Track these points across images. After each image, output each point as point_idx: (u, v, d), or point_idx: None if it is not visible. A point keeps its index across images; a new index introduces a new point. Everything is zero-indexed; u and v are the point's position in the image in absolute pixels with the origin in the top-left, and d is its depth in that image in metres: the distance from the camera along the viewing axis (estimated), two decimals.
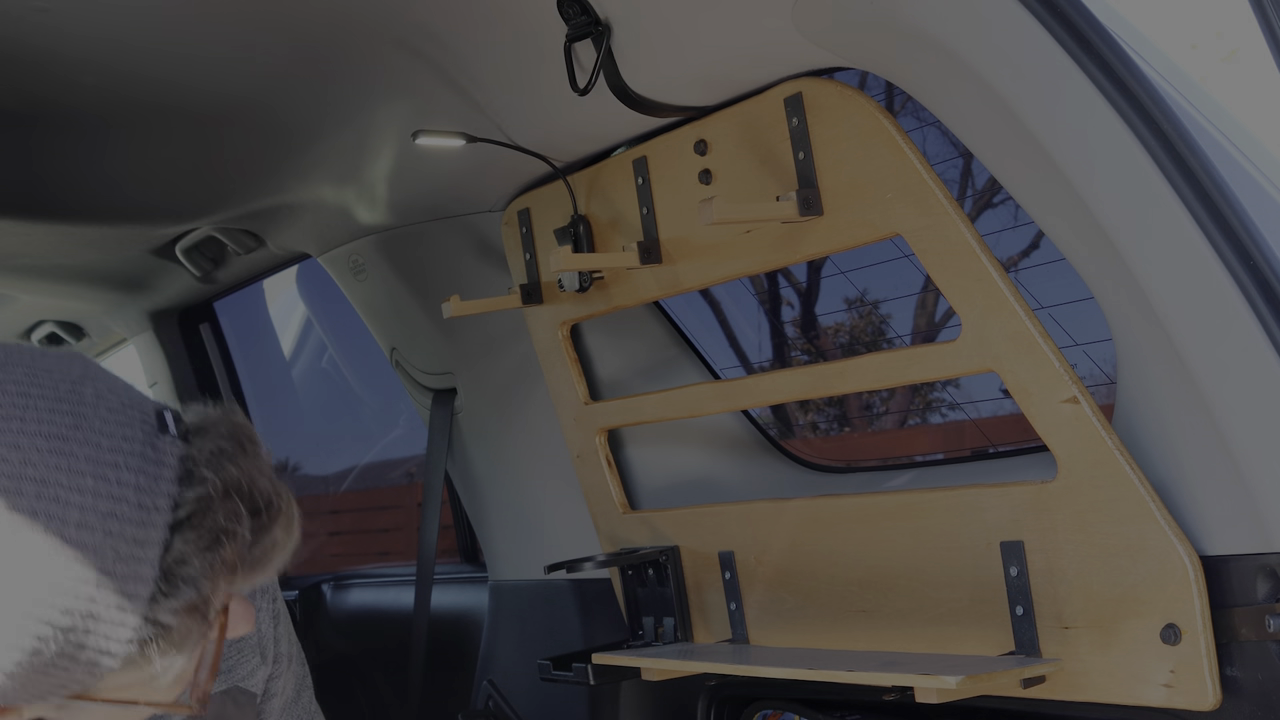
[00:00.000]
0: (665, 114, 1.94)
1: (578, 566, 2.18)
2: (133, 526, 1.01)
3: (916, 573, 1.81)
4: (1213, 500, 1.52)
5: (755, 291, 3.58)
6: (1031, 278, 2.67)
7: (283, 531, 1.12)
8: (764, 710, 2.18)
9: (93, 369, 1.09)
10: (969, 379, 3.07)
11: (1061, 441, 1.60)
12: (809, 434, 3.65)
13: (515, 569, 2.69)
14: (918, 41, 1.56)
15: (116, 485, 1.02)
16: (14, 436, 1.00)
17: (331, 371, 4.75)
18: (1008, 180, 1.61)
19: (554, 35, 1.84)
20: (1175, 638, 1.52)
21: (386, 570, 3.67)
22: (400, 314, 2.71)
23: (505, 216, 2.35)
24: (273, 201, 2.64)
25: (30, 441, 1.00)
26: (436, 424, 2.75)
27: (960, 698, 1.63)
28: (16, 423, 1.01)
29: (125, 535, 1.01)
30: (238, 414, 1.13)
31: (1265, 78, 1.46)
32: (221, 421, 1.11)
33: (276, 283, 3.97)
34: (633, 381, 2.40)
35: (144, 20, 1.91)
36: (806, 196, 1.77)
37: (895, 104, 2.54)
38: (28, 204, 2.64)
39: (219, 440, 1.09)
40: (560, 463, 2.45)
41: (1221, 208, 1.41)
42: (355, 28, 1.97)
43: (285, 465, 4.87)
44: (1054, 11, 1.46)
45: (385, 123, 2.23)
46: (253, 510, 1.08)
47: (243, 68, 2.09)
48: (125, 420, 1.06)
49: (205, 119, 2.28)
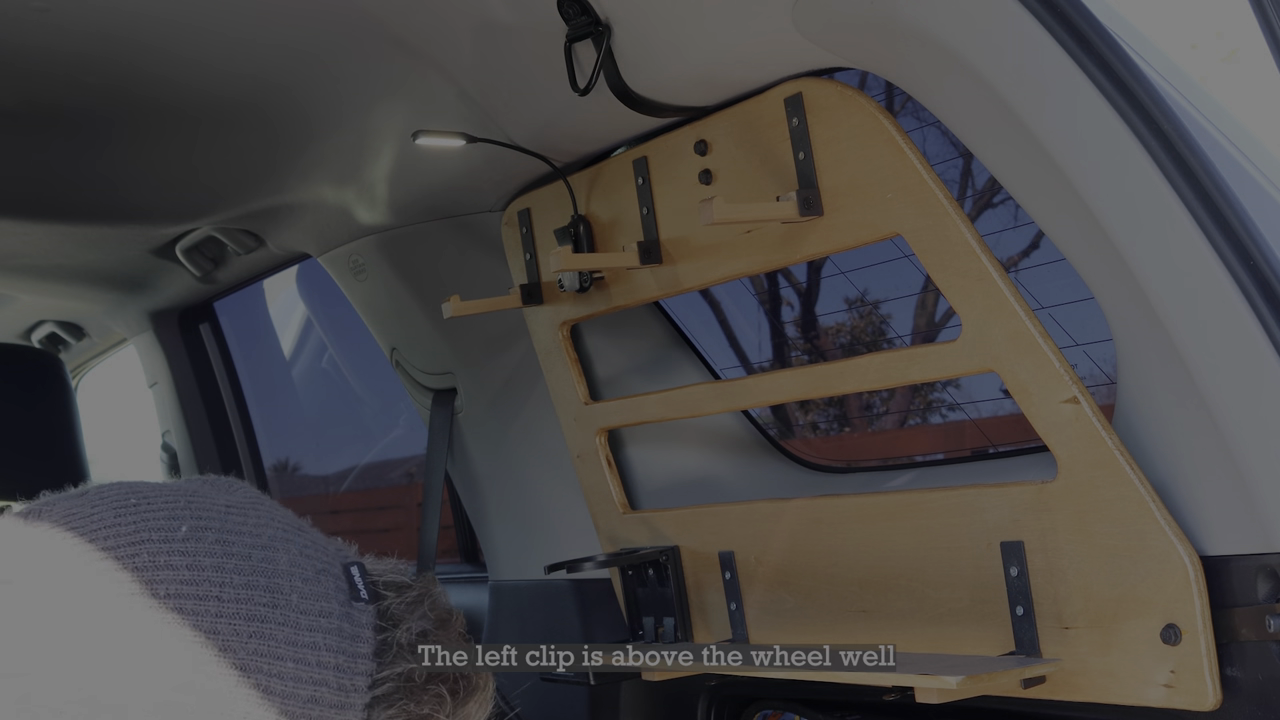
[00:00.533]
0: (665, 114, 1.94)
1: (578, 566, 2.18)
2: (333, 711, 0.97)
3: (916, 573, 1.81)
4: (1213, 500, 1.52)
5: (755, 291, 3.58)
6: (1031, 278, 2.67)
7: (477, 707, 1.07)
8: (764, 710, 2.18)
9: (280, 525, 1.03)
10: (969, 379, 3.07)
11: (1061, 441, 1.60)
12: (809, 434, 3.65)
13: (515, 569, 2.69)
14: (918, 41, 1.56)
15: (317, 669, 0.97)
16: (211, 621, 0.93)
17: (331, 371, 4.74)
18: (1008, 180, 1.61)
19: (554, 35, 1.84)
20: (1175, 638, 1.52)
21: None
22: (400, 314, 2.71)
23: (505, 216, 2.35)
24: (273, 201, 2.64)
25: (229, 625, 0.93)
26: (436, 424, 2.75)
27: (960, 698, 1.63)
28: (214, 603, 0.94)
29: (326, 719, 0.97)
30: (435, 584, 1.08)
31: (1265, 78, 1.46)
32: (423, 595, 1.05)
33: (276, 283, 3.97)
34: (633, 381, 2.40)
35: (144, 20, 1.91)
36: (806, 196, 1.77)
37: (895, 104, 2.53)
38: (28, 204, 2.64)
39: (422, 621, 1.04)
40: (560, 463, 2.45)
41: (1221, 208, 1.41)
42: (355, 28, 1.97)
43: (285, 465, 4.87)
44: (1054, 11, 1.46)
45: (385, 123, 2.23)
46: (452, 691, 1.04)
47: (243, 67, 2.09)
48: (321, 592, 0.99)
49: (205, 119, 2.28)
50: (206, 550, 0.96)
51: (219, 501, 1.01)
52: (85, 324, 3.94)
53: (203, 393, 3.88)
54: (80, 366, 4.30)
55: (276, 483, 4.19)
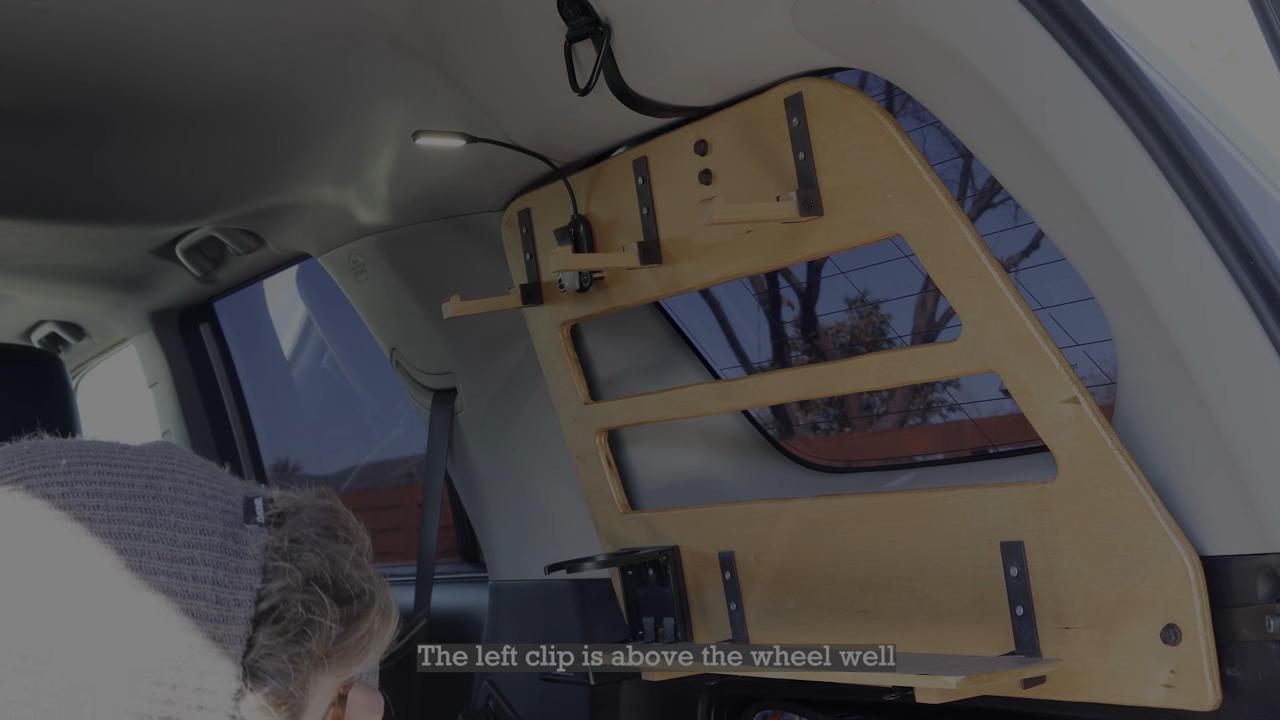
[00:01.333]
0: (665, 114, 1.94)
1: (578, 566, 2.18)
2: (211, 624, 0.98)
3: (916, 573, 1.81)
4: (1213, 500, 1.52)
5: (755, 291, 3.58)
6: (1031, 278, 2.67)
7: (380, 619, 1.07)
8: (764, 710, 2.18)
9: (176, 460, 1.05)
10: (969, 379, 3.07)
11: (1061, 441, 1.60)
12: (809, 434, 3.65)
13: (515, 569, 2.69)
14: (918, 41, 1.55)
15: (193, 582, 0.98)
16: (83, 540, 0.96)
17: (331, 371, 4.74)
18: (1008, 180, 1.61)
19: (554, 35, 1.84)
20: (1175, 638, 1.52)
21: (386, 570, 3.65)
22: (400, 314, 2.71)
23: (505, 216, 2.35)
24: (273, 201, 2.64)
25: (99, 544, 0.96)
26: (436, 424, 2.75)
27: (960, 698, 1.63)
28: (86, 525, 0.97)
29: (204, 632, 0.98)
30: (333, 498, 1.08)
31: (1265, 78, 1.46)
32: (309, 506, 1.06)
33: (276, 283, 3.97)
34: (633, 381, 2.40)
35: (144, 20, 1.91)
36: (806, 196, 1.77)
37: (895, 104, 2.53)
38: (28, 204, 2.64)
39: (303, 527, 1.04)
40: (560, 463, 2.45)
41: (1221, 208, 1.41)
42: (355, 28, 1.97)
43: (285, 465, 4.87)
44: (1054, 11, 1.46)
45: (385, 123, 2.23)
46: (340, 599, 1.03)
47: (243, 67, 2.09)
48: (205, 513, 1.02)
49: (205, 119, 2.28)
50: (86, 479, 1.00)
51: (115, 445, 1.05)
52: (85, 324, 3.94)
53: (203, 393, 3.87)
54: (80, 366, 4.30)
55: (276, 483, 4.18)
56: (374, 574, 1.07)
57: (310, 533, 1.04)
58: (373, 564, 1.09)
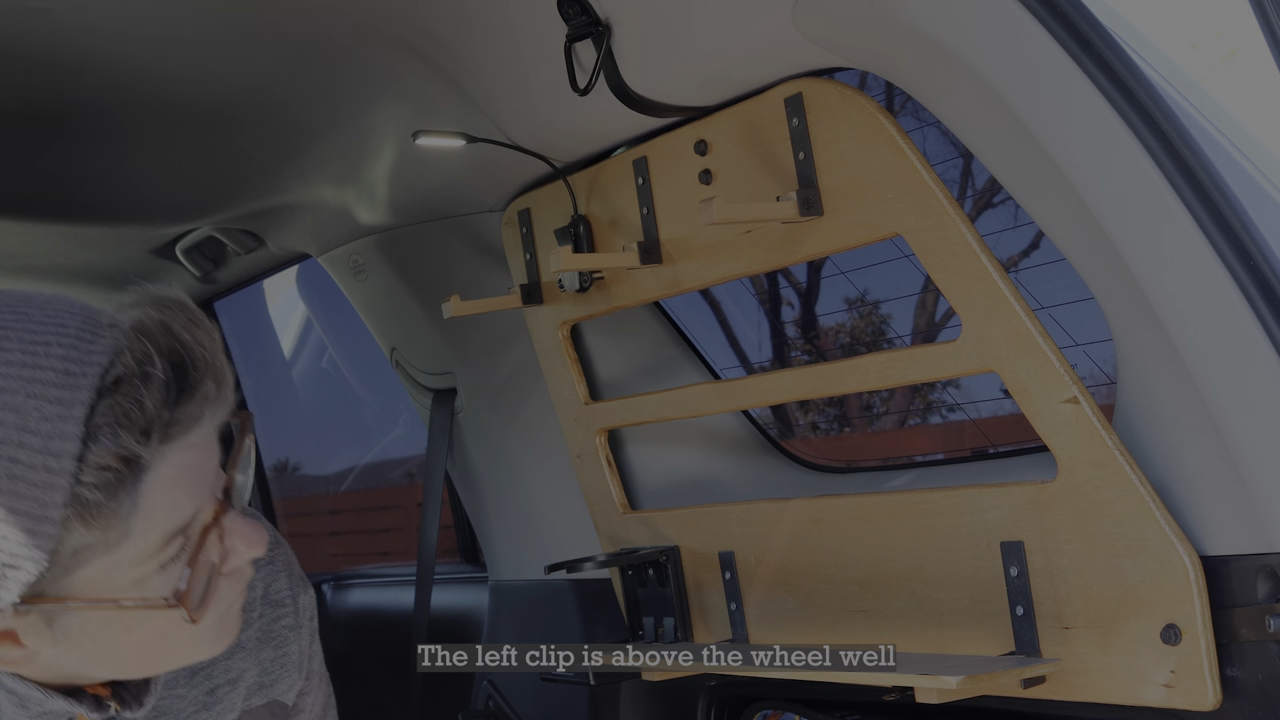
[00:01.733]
0: (665, 114, 1.94)
1: (578, 566, 2.18)
2: (56, 389, 1.08)
3: (916, 573, 1.81)
4: (1213, 500, 1.52)
5: (755, 291, 3.58)
6: (1031, 278, 2.67)
7: (214, 384, 1.14)
8: (764, 710, 2.18)
9: (68, 297, 1.16)
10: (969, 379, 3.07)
11: (1061, 441, 1.60)
12: (809, 434, 3.65)
13: (515, 569, 2.69)
14: (918, 41, 1.56)
15: (45, 358, 1.09)
16: None
17: (331, 371, 4.74)
18: (1008, 180, 1.61)
19: (554, 35, 1.84)
20: (1175, 638, 1.52)
21: (386, 570, 3.67)
22: (400, 314, 2.71)
23: (505, 216, 2.35)
24: (273, 201, 2.64)
25: None
26: (436, 424, 2.75)
27: (960, 698, 1.63)
28: None
29: (49, 397, 1.07)
30: (183, 295, 1.17)
31: (1265, 78, 1.46)
32: (153, 296, 1.16)
33: (276, 283, 3.96)
34: (633, 381, 2.40)
35: (144, 20, 1.91)
36: (806, 196, 1.77)
37: (895, 104, 2.54)
38: (28, 204, 2.64)
39: (143, 307, 1.14)
40: (560, 463, 2.45)
41: (1221, 208, 1.41)
42: (355, 28, 1.97)
43: (285, 465, 4.87)
44: (1054, 11, 1.46)
45: (385, 123, 2.23)
46: (174, 361, 1.11)
47: (243, 68, 2.09)
48: (69, 311, 1.12)
49: (206, 119, 2.28)
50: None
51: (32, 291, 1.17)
52: None
53: None
54: None
55: (276, 483, 4.19)
56: (208, 338, 1.15)
57: (149, 309, 1.14)
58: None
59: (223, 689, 1.40)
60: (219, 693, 1.39)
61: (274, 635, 1.44)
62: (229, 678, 1.40)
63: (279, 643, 1.45)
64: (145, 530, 1.12)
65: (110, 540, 1.11)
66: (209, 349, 1.13)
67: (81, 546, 1.10)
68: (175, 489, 1.13)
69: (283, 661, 1.45)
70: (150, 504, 1.12)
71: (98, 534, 1.10)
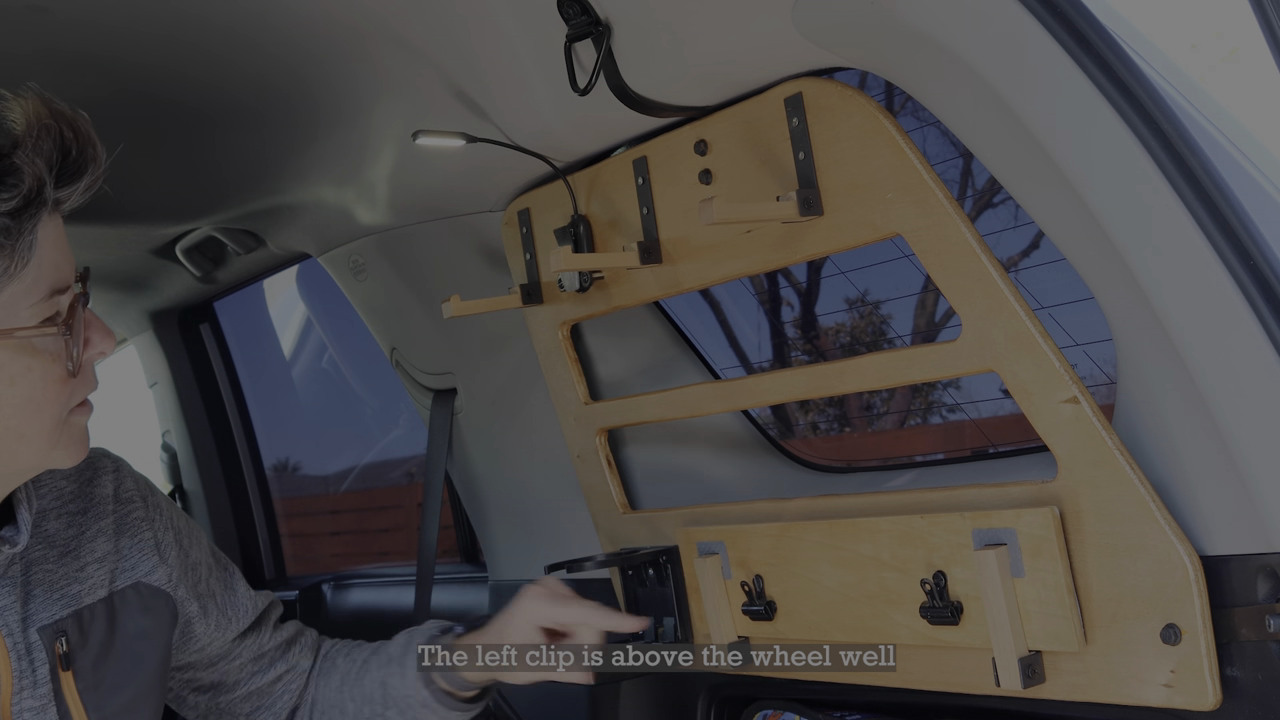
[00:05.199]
0: (665, 114, 1.94)
1: (578, 566, 2.18)
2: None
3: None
4: (1213, 500, 1.52)
5: (755, 291, 3.58)
6: (1031, 278, 2.67)
7: (92, 174, 1.49)
8: (764, 710, 2.18)
9: None
10: (969, 379, 3.07)
11: (1061, 441, 1.60)
12: (809, 434, 3.65)
13: (515, 569, 2.69)
14: (918, 41, 1.56)
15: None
16: None
17: (331, 371, 4.75)
18: (1008, 180, 1.61)
19: (554, 35, 1.84)
20: (1175, 638, 1.52)
21: (386, 570, 3.67)
22: (400, 314, 2.71)
23: (505, 216, 2.35)
24: (273, 201, 2.64)
25: None
26: (436, 424, 2.75)
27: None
28: None
29: None
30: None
31: (1265, 78, 1.46)
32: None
33: (276, 283, 3.97)
34: (633, 381, 2.40)
35: (143, 21, 1.91)
36: (806, 196, 1.77)
37: (895, 104, 2.54)
38: None
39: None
40: (560, 463, 2.45)
41: (1221, 208, 1.41)
42: (355, 28, 1.97)
43: (285, 465, 4.87)
44: (1054, 11, 1.46)
45: (385, 123, 2.23)
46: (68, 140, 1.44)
47: (243, 67, 2.09)
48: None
49: (205, 119, 2.28)
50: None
51: None
52: None
53: (203, 393, 3.88)
54: None
55: (276, 483, 4.19)
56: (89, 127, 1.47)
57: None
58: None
59: (90, 566, 1.67)
60: (88, 570, 1.67)
61: (128, 526, 1.73)
62: (94, 557, 1.68)
63: (133, 532, 1.73)
64: (37, 274, 1.44)
65: (11, 270, 1.41)
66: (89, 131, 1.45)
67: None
68: (57, 251, 1.48)
69: (139, 547, 1.74)
70: (41, 251, 1.44)
71: (3, 263, 1.40)
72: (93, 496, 1.73)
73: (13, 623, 1.57)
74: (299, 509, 4.93)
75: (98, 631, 1.65)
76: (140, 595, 1.72)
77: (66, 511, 1.70)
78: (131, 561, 1.73)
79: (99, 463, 1.76)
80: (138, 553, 1.74)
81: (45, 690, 1.59)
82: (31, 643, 1.59)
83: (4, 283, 1.42)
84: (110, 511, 1.73)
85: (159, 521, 1.78)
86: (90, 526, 1.70)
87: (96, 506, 1.73)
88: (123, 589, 1.70)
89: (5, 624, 1.57)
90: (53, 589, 1.63)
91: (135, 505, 1.76)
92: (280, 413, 4.59)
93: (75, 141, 1.45)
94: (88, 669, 1.63)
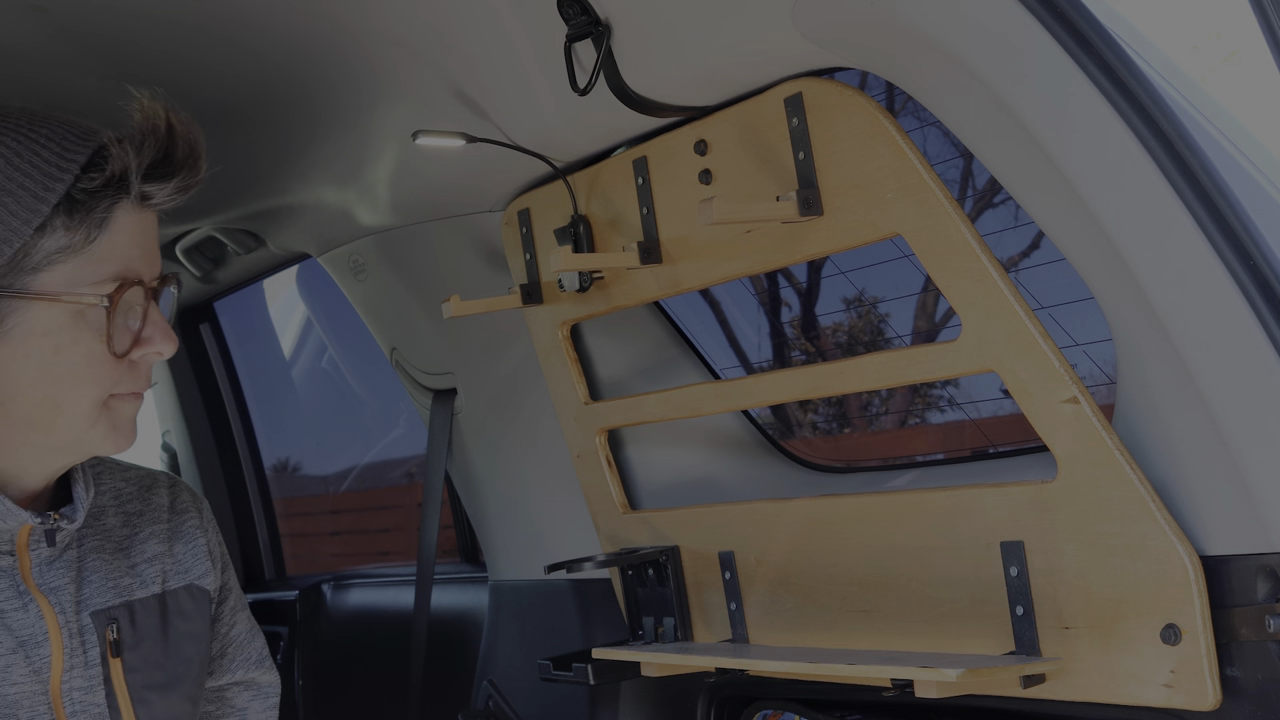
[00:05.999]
0: (665, 114, 1.94)
1: (578, 566, 2.18)
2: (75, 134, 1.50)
3: (916, 572, 1.81)
4: (1213, 500, 1.52)
5: (755, 291, 3.58)
6: (1031, 278, 2.67)
7: (189, 174, 1.56)
8: (764, 710, 2.18)
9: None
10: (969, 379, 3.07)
11: (1061, 441, 1.60)
12: (809, 434, 3.65)
13: (515, 569, 2.69)
14: (917, 41, 1.56)
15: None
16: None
17: (331, 371, 4.74)
18: (1008, 180, 1.61)
19: (554, 35, 1.84)
20: (1175, 638, 1.52)
21: (386, 570, 3.67)
22: (400, 314, 2.71)
23: (505, 216, 2.35)
24: (273, 202, 2.64)
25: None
26: (436, 424, 2.75)
27: (960, 693, 1.63)
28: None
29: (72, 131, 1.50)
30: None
31: (1265, 78, 1.46)
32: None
33: (276, 283, 3.97)
34: (633, 381, 2.40)
35: (143, 21, 1.92)
36: (806, 196, 1.77)
37: (895, 104, 2.54)
38: None
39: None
40: (560, 463, 2.45)
41: (1221, 208, 1.41)
42: (355, 28, 1.97)
43: (285, 465, 4.87)
44: (1054, 12, 1.46)
45: (385, 123, 2.23)
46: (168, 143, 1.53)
47: (242, 68, 2.10)
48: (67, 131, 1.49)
49: (205, 119, 2.27)
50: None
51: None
52: None
53: (203, 393, 3.88)
54: None
55: (276, 483, 4.19)
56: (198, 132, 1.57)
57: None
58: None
59: (142, 565, 1.71)
60: (139, 567, 1.71)
61: (183, 533, 1.78)
62: (146, 557, 1.72)
63: (188, 539, 1.78)
64: (105, 254, 1.47)
65: (77, 245, 1.45)
66: (196, 144, 1.54)
67: (55, 250, 1.45)
68: (134, 243, 1.50)
69: (194, 552, 1.78)
70: (113, 235, 1.48)
71: (73, 236, 1.45)
72: (149, 502, 1.77)
73: (66, 603, 1.60)
74: (299, 509, 4.93)
75: (149, 626, 1.68)
76: (193, 597, 1.76)
77: (124, 511, 1.74)
78: (185, 565, 1.77)
79: (158, 477, 1.81)
80: (191, 557, 1.78)
81: (96, 673, 1.62)
82: (84, 625, 1.62)
83: (69, 255, 1.46)
84: (165, 519, 1.78)
85: (212, 534, 1.83)
86: (145, 529, 1.74)
87: (152, 511, 1.77)
88: (175, 589, 1.74)
89: (59, 603, 1.59)
90: (107, 578, 1.66)
91: (190, 515, 1.80)
92: (280, 413, 4.58)
93: (175, 146, 1.52)
94: (137, 661, 1.66)
